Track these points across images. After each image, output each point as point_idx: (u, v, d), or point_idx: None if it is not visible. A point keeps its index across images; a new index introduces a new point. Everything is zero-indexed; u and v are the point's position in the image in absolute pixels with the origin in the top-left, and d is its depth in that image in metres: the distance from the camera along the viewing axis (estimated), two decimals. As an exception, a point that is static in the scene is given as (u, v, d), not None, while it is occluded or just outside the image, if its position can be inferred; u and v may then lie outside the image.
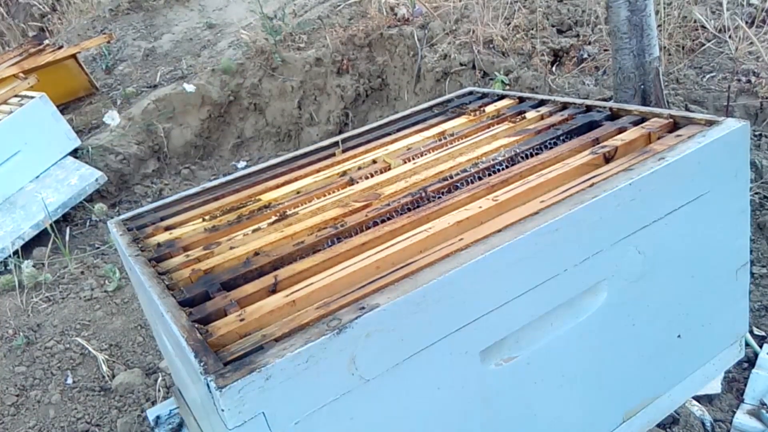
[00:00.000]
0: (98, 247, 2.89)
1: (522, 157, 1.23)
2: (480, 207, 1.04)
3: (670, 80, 2.56)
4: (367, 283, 0.89)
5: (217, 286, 0.99)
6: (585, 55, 2.85)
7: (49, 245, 2.77)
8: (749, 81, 2.43)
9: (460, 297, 0.90)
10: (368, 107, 3.68)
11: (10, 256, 2.77)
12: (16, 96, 3.29)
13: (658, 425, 1.50)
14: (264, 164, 1.50)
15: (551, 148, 1.24)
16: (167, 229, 1.26)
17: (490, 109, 1.51)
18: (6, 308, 2.40)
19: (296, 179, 1.37)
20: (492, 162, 1.21)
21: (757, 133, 2.29)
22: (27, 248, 2.84)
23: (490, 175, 1.19)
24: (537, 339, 1.01)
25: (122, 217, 1.37)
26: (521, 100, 1.53)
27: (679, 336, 1.20)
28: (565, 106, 1.42)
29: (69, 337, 2.24)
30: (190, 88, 3.63)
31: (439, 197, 1.13)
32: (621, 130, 1.22)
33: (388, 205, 1.12)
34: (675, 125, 1.19)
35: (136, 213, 1.37)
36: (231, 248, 1.10)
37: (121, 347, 2.22)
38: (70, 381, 2.08)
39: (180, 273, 1.05)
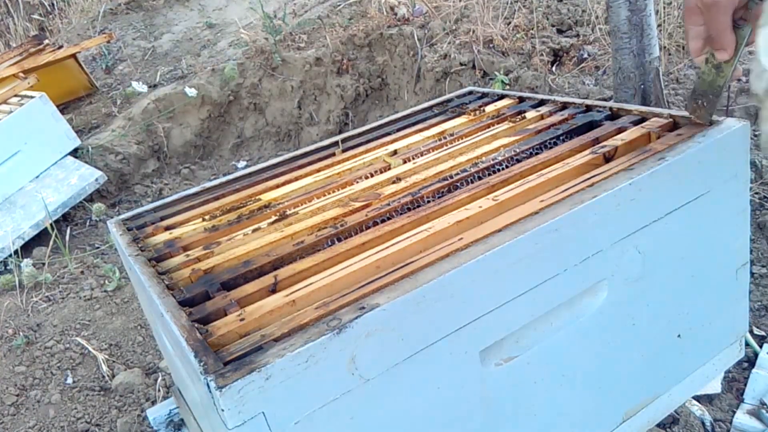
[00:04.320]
0: (98, 247, 2.89)
1: (522, 157, 1.23)
2: (480, 207, 1.04)
3: (670, 80, 2.56)
4: (367, 283, 0.89)
5: (217, 285, 0.99)
6: (585, 55, 2.85)
7: (49, 245, 2.77)
8: (749, 81, 2.42)
9: (460, 297, 0.90)
10: (368, 107, 3.68)
11: (10, 255, 2.77)
12: (16, 96, 3.29)
13: (658, 425, 1.50)
14: (264, 164, 1.50)
15: (551, 147, 1.24)
16: (167, 228, 1.26)
17: (490, 108, 1.51)
18: (6, 308, 2.40)
19: (296, 179, 1.37)
20: (492, 162, 1.21)
21: (757, 133, 2.29)
22: (27, 248, 2.84)
23: (490, 174, 1.19)
24: (537, 339, 1.02)
25: (122, 216, 1.37)
26: (521, 99, 1.53)
27: (679, 336, 1.20)
28: (565, 105, 1.42)
29: (69, 337, 2.24)
30: (191, 92, 3.62)
31: (439, 197, 1.13)
32: (621, 130, 1.22)
33: (388, 204, 1.12)
34: (675, 125, 1.19)
35: (135, 213, 1.37)
36: (231, 248, 1.10)
37: (121, 347, 2.22)
38: (70, 381, 2.08)
39: (180, 273, 1.05)
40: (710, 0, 0.96)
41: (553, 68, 2.87)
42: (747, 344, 1.67)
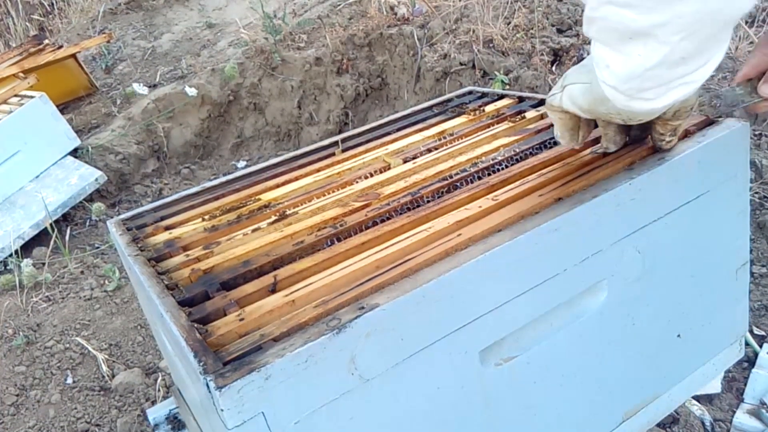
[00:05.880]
0: (98, 247, 2.89)
1: (522, 157, 1.23)
2: (480, 206, 1.04)
3: (670, 80, 2.55)
4: (365, 281, 0.89)
5: (216, 285, 0.99)
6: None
7: (49, 245, 2.77)
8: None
9: (460, 297, 0.90)
10: (368, 107, 3.68)
11: (10, 255, 2.77)
12: (15, 96, 3.29)
13: (658, 425, 1.50)
14: (264, 164, 1.50)
15: (551, 147, 1.24)
16: (167, 228, 1.26)
17: (489, 108, 1.51)
18: (6, 308, 2.40)
19: (296, 179, 1.37)
20: (492, 161, 1.21)
21: (757, 132, 2.29)
22: (27, 248, 2.84)
23: (489, 174, 1.19)
24: (537, 339, 1.01)
25: (122, 216, 1.37)
26: (521, 99, 1.53)
27: (678, 335, 1.20)
28: (564, 105, 1.42)
29: (69, 337, 2.24)
30: (191, 91, 3.62)
31: (439, 197, 1.13)
32: (621, 130, 1.22)
33: (388, 204, 1.12)
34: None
35: (135, 213, 1.37)
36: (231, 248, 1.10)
37: (121, 347, 2.22)
38: (69, 381, 2.08)
39: (179, 273, 1.05)
40: None
41: (553, 68, 2.87)
42: (747, 344, 1.67)
